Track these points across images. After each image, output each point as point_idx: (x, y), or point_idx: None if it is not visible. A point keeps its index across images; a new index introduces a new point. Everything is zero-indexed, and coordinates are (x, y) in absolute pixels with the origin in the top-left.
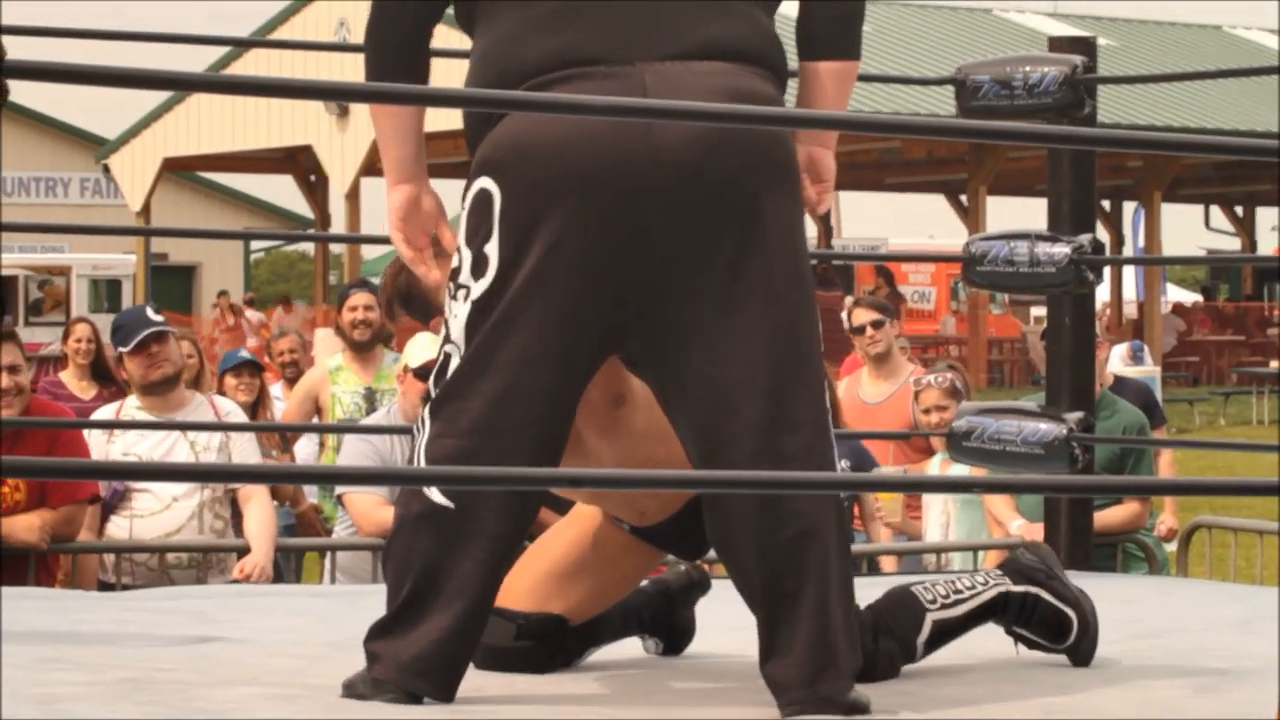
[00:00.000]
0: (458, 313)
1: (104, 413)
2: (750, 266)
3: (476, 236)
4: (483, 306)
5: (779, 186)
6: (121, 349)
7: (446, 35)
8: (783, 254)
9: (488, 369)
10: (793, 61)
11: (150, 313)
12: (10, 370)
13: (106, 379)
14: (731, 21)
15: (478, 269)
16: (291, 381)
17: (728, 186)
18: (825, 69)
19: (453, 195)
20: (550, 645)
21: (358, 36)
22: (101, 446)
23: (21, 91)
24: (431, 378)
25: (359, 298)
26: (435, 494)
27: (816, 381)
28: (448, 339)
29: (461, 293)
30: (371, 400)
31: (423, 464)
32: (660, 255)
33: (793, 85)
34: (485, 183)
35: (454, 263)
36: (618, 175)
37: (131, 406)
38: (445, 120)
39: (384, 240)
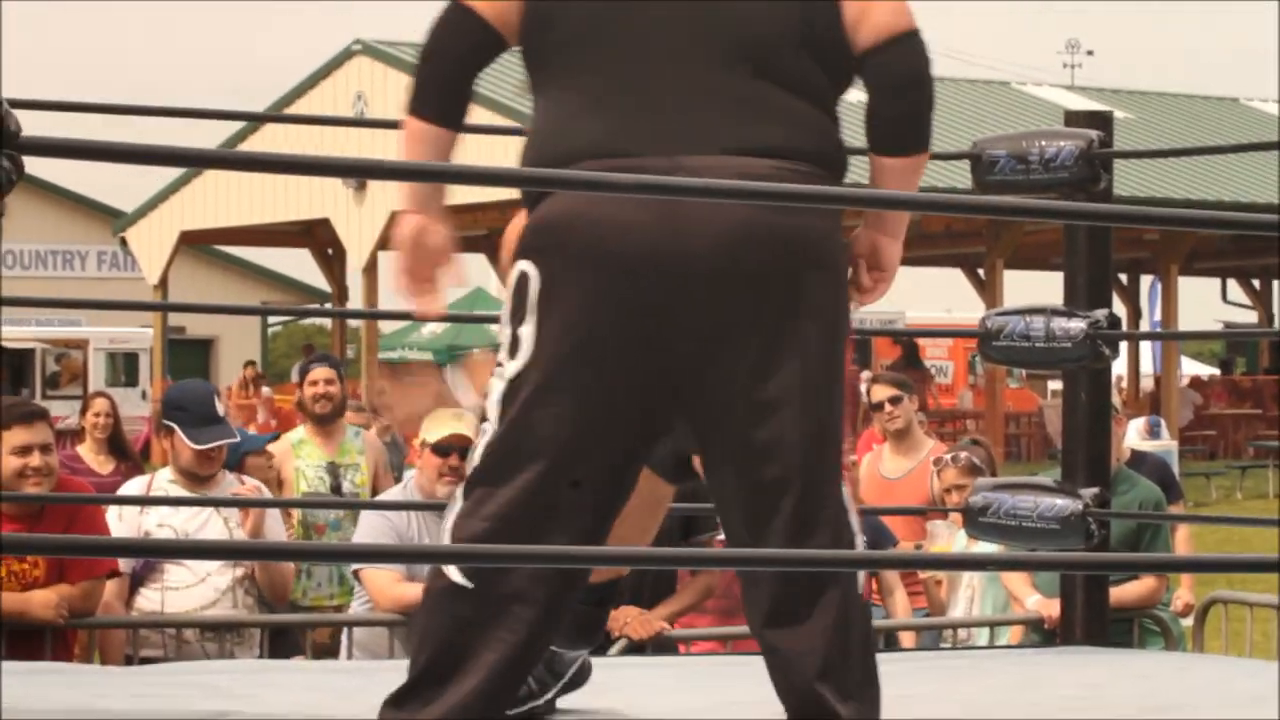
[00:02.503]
0: (494, 391)
1: (135, 485)
2: (781, 369)
3: (514, 318)
4: (515, 387)
5: (815, 284)
6: (185, 435)
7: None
8: (815, 358)
9: (517, 453)
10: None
11: (218, 402)
12: (42, 449)
13: (124, 454)
14: (779, 120)
15: (513, 349)
16: (321, 419)
17: (758, 285)
18: (890, 164)
19: (469, 269)
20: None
21: (375, 110)
22: (134, 518)
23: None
24: (471, 453)
25: (319, 372)
26: (454, 573)
27: (838, 482)
28: (484, 416)
29: (499, 371)
30: (335, 474)
31: (447, 541)
32: (692, 346)
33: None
34: (524, 265)
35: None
36: (651, 264)
37: (164, 480)
38: (464, 194)
39: (401, 316)
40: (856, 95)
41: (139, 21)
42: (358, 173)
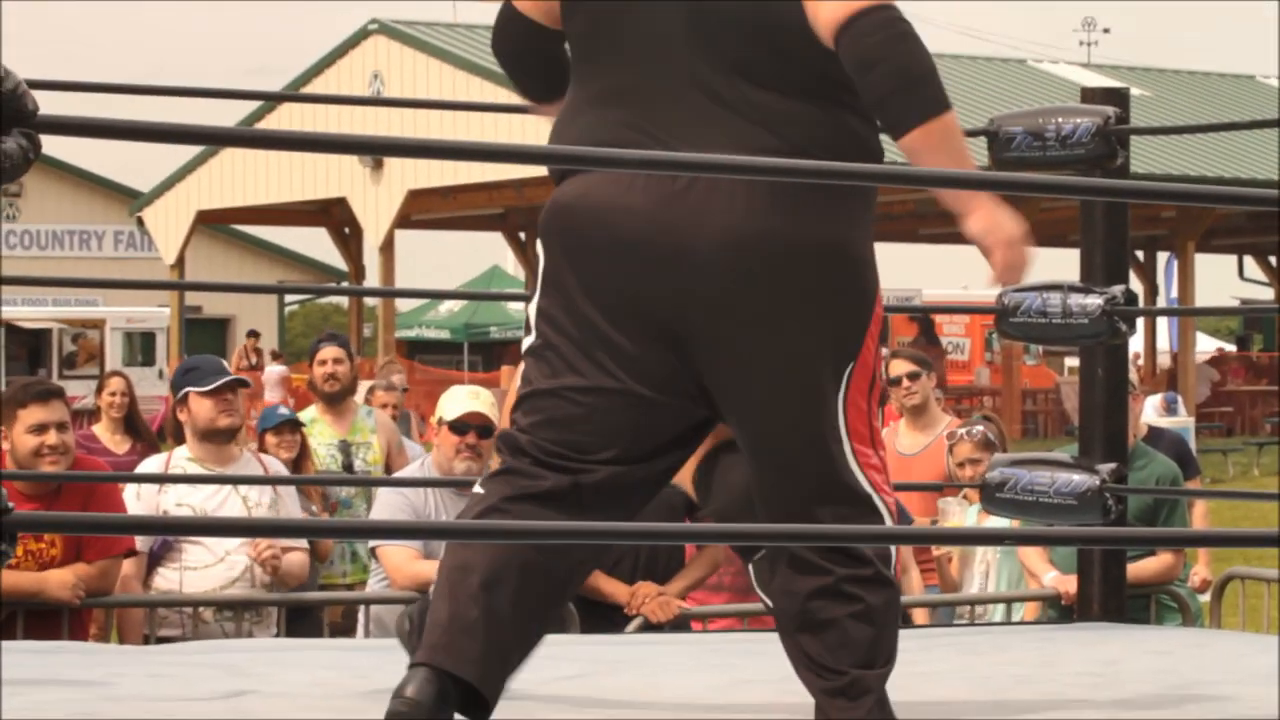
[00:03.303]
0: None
1: (152, 463)
2: (774, 365)
3: (532, 295)
4: (528, 362)
5: (822, 292)
6: (193, 389)
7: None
8: (805, 374)
9: (534, 409)
10: None
11: (225, 364)
12: (59, 428)
13: (139, 433)
14: (776, 122)
15: (527, 324)
16: (331, 398)
17: (755, 278)
18: (908, 144)
19: (486, 247)
20: None
21: (391, 89)
22: (152, 496)
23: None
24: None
25: (329, 351)
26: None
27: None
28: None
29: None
30: (347, 452)
31: (480, 489)
32: (690, 331)
33: None
34: (537, 246)
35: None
36: (654, 244)
37: (182, 458)
38: (478, 173)
39: (417, 294)
40: None
41: (157, 2)
42: (372, 150)
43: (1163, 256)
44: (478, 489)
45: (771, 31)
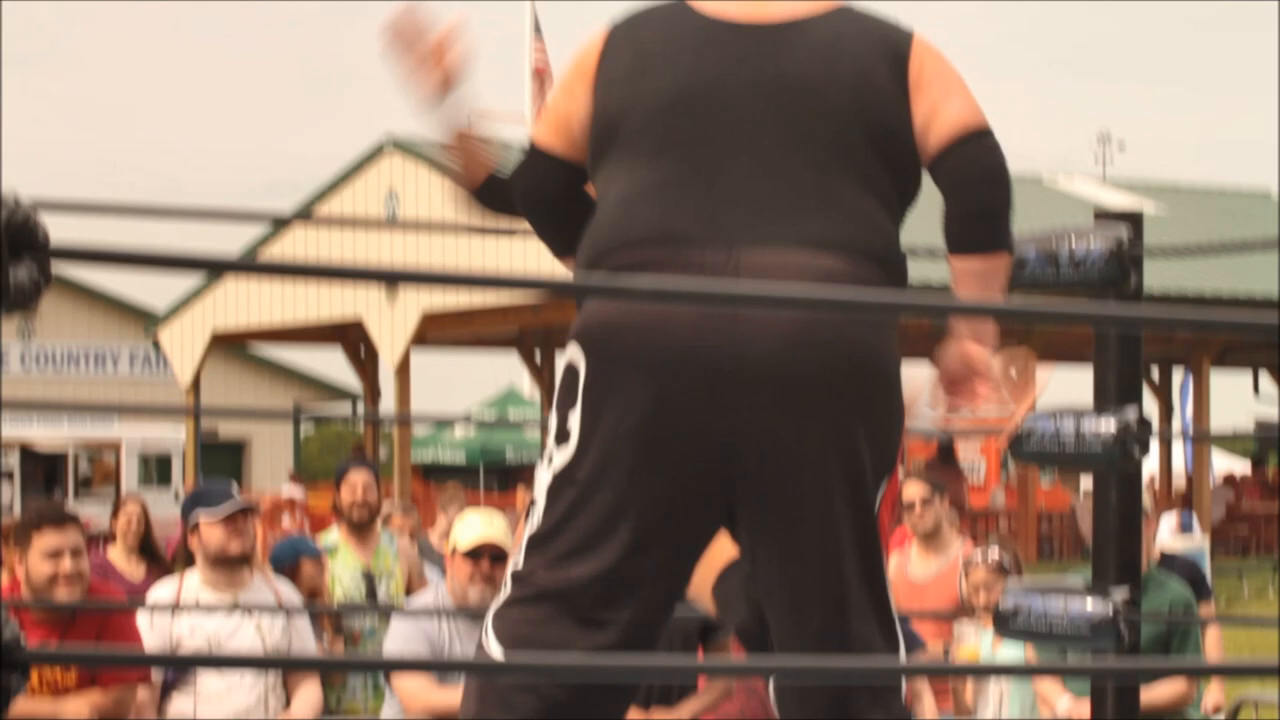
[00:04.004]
0: (542, 477)
1: (165, 588)
2: (829, 477)
3: (563, 405)
4: (563, 477)
5: (867, 391)
6: (204, 515)
7: None
8: (852, 492)
9: (562, 541)
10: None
11: (235, 489)
12: (73, 554)
13: (155, 558)
14: (844, 215)
15: (561, 437)
16: (358, 525)
17: (811, 390)
18: (963, 266)
19: (501, 368)
20: None
21: (406, 206)
22: (165, 622)
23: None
24: (519, 537)
25: (359, 476)
26: (494, 647)
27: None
28: (533, 501)
29: (546, 456)
30: (370, 582)
31: (489, 624)
32: (741, 444)
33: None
34: (574, 353)
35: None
36: (703, 361)
37: (194, 583)
38: (494, 295)
39: (434, 418)
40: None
41: (171, 118)
42: (387, 278)
43: (1178, 374)
44: (488, 622)
45: (870, 125)
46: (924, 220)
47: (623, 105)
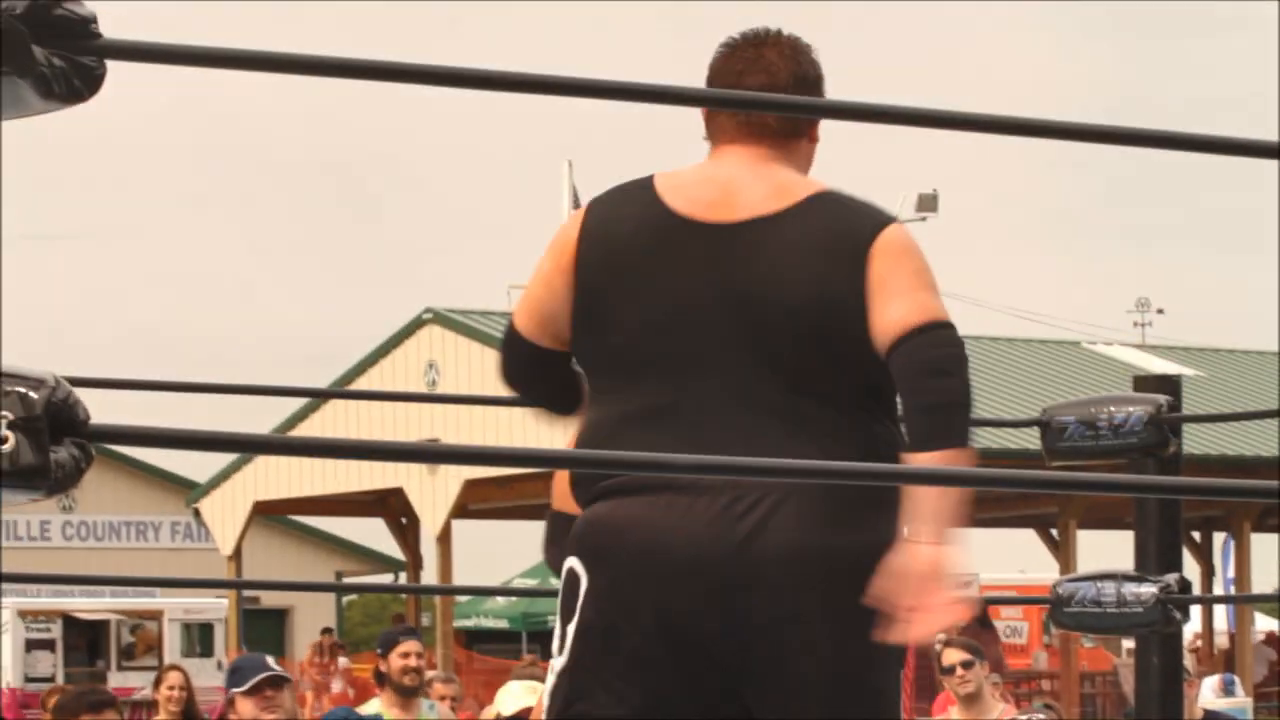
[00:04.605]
0: (550, 676)
1: None
2: (833, 679)
3: (563, 614)
4: (559, 685)
5: (862, 600)
6: (235, 690)
7: None
8: (868, 693)
9: None
10: None
11: (270, 661)
12: None
13: None
14: (812, 438)
15: (560, 645)
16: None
17: (810, 600)
18: (927, 459)
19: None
20: None
21: (446, 377)
22: None
23: None
24: None
25: (411, 645)
26: None
27: None
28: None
29: (552, 658)
30: None
31: None
32: (741, 657)
33: None
34: (574, 564)
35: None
36: (703, 577)
37: None
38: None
39: (473, 591)
40: None
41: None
42: (427, 458)
43: (1219, 537)
44: None
45: (831, 340)
46: None
47: (604, 316)
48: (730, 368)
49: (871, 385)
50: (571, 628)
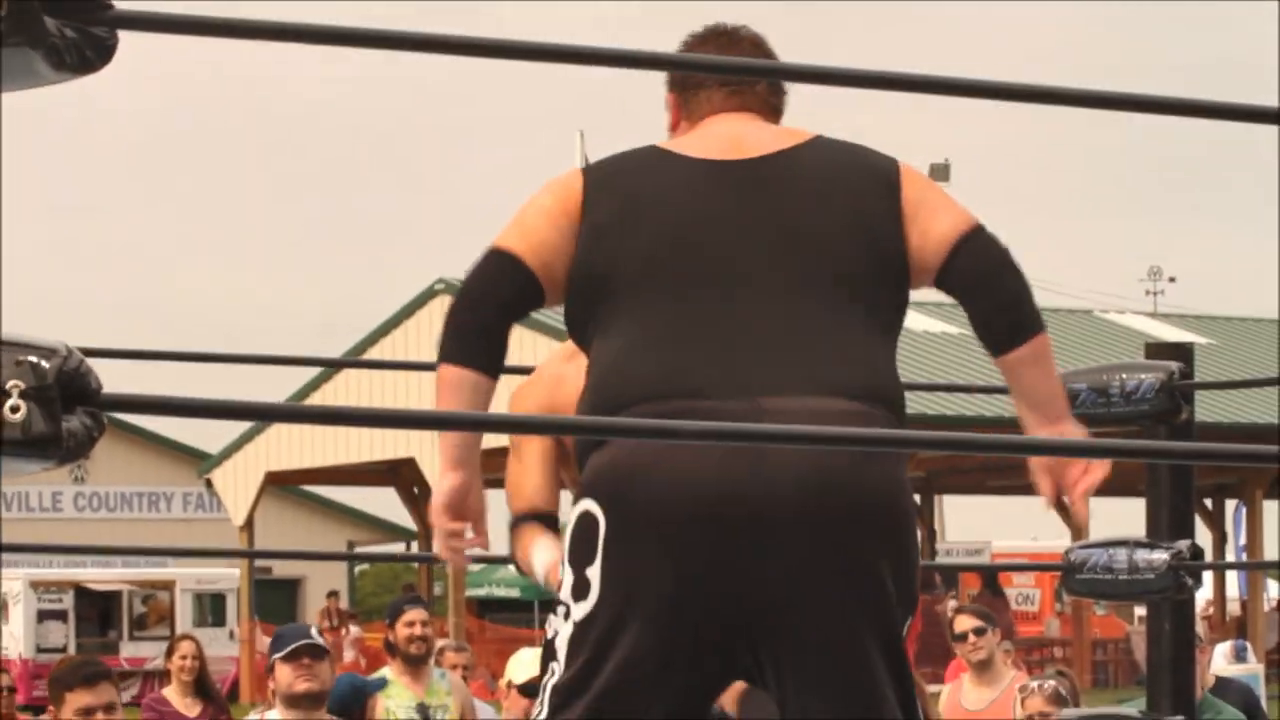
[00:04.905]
0: (559, 629)
1: None
2: (857, 613)
3: (580, 558)
4: (585, 629)
5: (890, 527)
6: (275, 656)
7: (534, 342)
8: (882, 627)
9: (587, 694)
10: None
11: (314, 630)
12: (106, 710)
13: (210, 697)
14: (853, 359)
15: (579, 591)
16: (414, 660)
17: (836, 530)
18: (1015, 358)
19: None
20: None
21: None
22: None
23: None
24: (540, 692)
25: (415, 614)
26: None
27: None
28: (551, 653)
29: (562, 610)
30: (425, 714)
31: None
32: (768, 590)
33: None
34: (590, 505)
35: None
36: (726, 514)
37: None
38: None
39: (485, 560)
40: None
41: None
42: (437, 424)
43: (1231, 504)
44: None
45: (869, 262)
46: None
47: (615, 255)
48: (765, 286)
49: (896, 311)
50: (593, 571)
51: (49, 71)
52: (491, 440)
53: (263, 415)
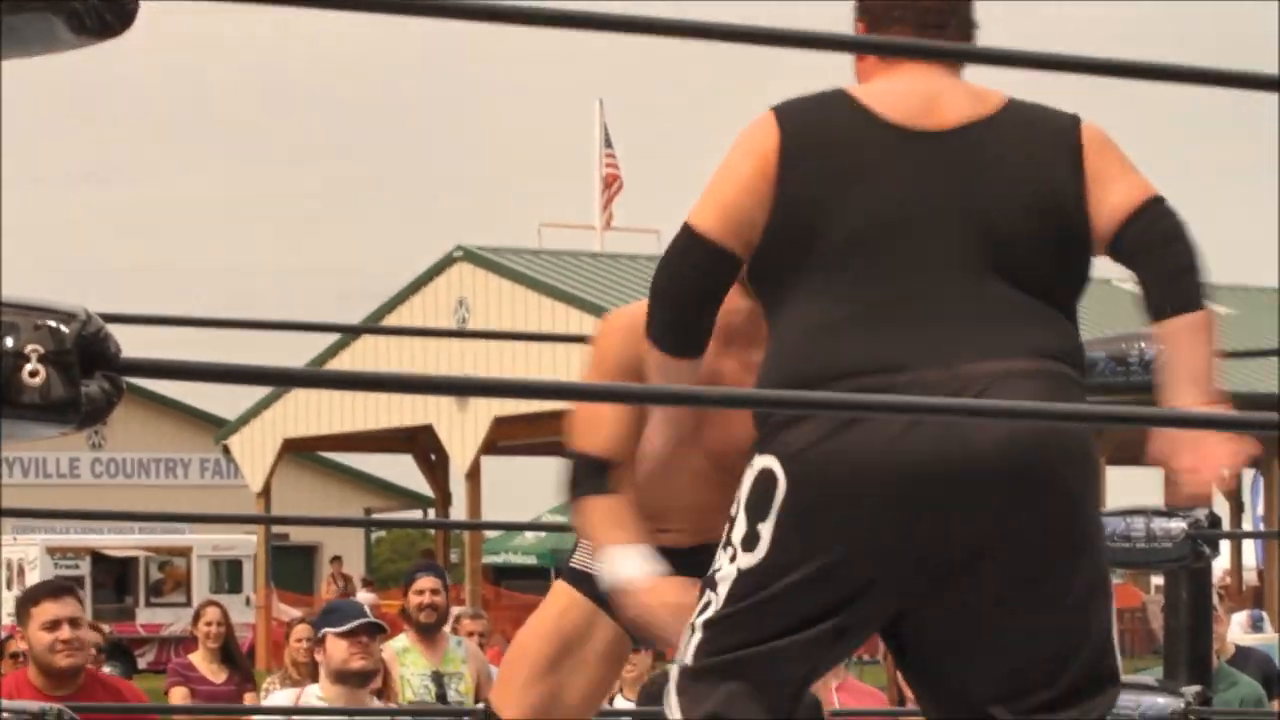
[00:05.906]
0: (723, 567)
1: (283, 696)
2: (1056, 569)
3: (754, 511)
4: (748, 580)
5: (1082, 481)
6: (331, 630)
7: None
8: (1090, 559)
9: (742, 643)
10: None
11: (368, 609)
12: (71, 623)
13: (235, 663)
14: (1048, 327)
15: (750, 542)
16: (426, 628)
17: (1034, 486)
18: (1178, 325)
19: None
20: None
21: (477, 316)
22: None
23: None
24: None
25: (426, 581)
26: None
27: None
28: (711, 585)
29: (729, 551)
30: (440, 683)
31: (674, 699)
32: (954, 553)
33: None
34: (772, 463)
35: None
36: (925, 493)
37: (313, 696)
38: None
39: (503, 526)
40: None
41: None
42: (456, 390)
43: (1248, 473)
44: (672, 699)
45: (1058, 240)
46: None
47: (819, 221)
48: (962, 266)
49: (1080, 286)
50: (765, 527)
51: (69, 36)
52: (528, 406)
53: (280, 380)
